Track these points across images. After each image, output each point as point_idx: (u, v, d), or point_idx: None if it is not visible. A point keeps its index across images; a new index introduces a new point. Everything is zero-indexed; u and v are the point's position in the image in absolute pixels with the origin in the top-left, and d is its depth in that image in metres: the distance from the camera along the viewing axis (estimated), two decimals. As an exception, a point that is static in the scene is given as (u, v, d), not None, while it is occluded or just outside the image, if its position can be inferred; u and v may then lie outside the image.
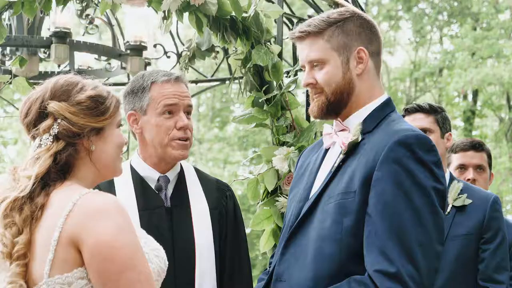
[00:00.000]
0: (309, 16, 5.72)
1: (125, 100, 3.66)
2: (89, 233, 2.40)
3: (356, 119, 2.90)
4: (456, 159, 4.90)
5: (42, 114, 2.60)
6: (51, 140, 2.57)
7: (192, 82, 6.79)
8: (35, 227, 2.48)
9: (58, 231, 2.42)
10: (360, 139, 2.84)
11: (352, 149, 2.83)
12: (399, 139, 2.71)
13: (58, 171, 2.56)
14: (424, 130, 4.46)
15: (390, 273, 2.59)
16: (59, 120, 2.58)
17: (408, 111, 4.56)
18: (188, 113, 3.61)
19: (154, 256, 2.64)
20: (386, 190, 2.66)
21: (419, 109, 4.53)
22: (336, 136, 2.92)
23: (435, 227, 2.67)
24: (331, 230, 2.75)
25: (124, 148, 2.78)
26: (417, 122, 4.49)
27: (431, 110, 4.52)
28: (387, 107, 2.95)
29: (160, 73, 3.62)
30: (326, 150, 3.02)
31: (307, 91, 5.84)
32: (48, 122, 2.58)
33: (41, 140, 2.58)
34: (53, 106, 2.58)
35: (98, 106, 2.62)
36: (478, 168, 4.99)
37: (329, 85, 2.88)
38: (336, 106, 2.91)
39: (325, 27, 2.89)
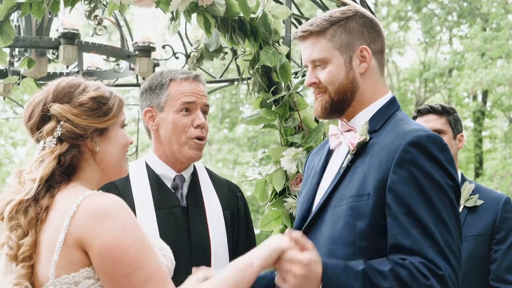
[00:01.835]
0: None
1: (142, 97, 3.69)
2: (95, 236, 2.40)
3: (362, 119, 2.89)
4: None
5: (45, 117, 2.60)
6: (55, 143, 2.57)
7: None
8: (40, 229, 2.49)
9: (64, 233, 2.42)
10: (368, 138, 2.81)
11: (360, 149, 2.81)
12: (412, 140, 2.68)
13: (62, 173, 2.56)
14: (437, 131, 4.45)
15: (437, 274, 2.61)
16: (62, 122, 2.58)
17: (421, 112, 4.55)
18: (205, 112, 3.61)
19: (162, 256, 2.64)
20: (406, 193, 2.64)
21: (432, 110, 4.52)
22: (343, 137, 2.91)
23: (457, 225, 2.69)
24: (344, 233, 2.73)
25: (133, 149, 2.78)
26: (430, 123, 4.48)
27: (444, 111, 4.51)
28: (392, 106, 2.93)
29: (179, 71, 3.64)
30: (330, 151, 3.01)
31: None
32: (51, 124, 2.58)
33: (45, 143, 2.59)
34: (55, 108, 2.58)
35: (100, 107, 2.62)
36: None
37: (332, 84, 2.87)
38: (339, 105, 2.89)
39: (328, 26, 2.88)
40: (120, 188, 3.55)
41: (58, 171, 2.55)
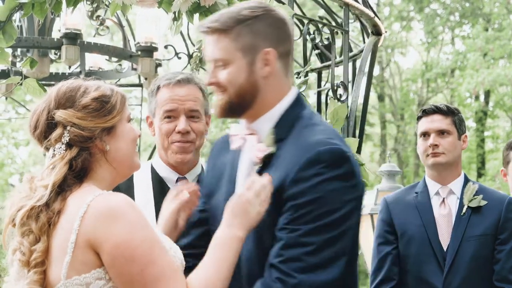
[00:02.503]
0: (320, 18, 5.71)
1: (147, 102, 3.73)
2: (105, 236, 2.41)
3: (266, 123, 2.76)
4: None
5: (50, 125, 2.59)
6: (64, 148, 2.57)
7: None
8: (52, 231, 2.49)
9: (75, 233, 2.43)
10: (274, 150, 2.71)
11: (266, 161, 2.71)
12: (310, 158, 2.59)
13: (74, 177, 2.56)
14: (442, 131, 4.46)
15: None
16: (68, 128, 2.57)
17: (426, 112, 4.55)
18: (192, 116, 3.61)
19: (172, 256, 2.64)
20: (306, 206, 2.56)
21: (437, 110, 4.52)
22: (244, 140, 2.80)
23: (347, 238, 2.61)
24: (248, 246, 2.68)
25: (137, 141, 2.78)
26: (435, 123, 4.48)
27: (449, 112, 4.51)
28: (297, 106, 2.79)
29: (166, 77, 3.64)
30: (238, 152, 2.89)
31: (318, 92, 5.84)
32: (58, 131, 2.57)
33: (54, 150, 2.58)
34: (60, 114, 2.57)
35: (104, 106, 2.61)
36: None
37: (231, 86, 2.73)
38: (238, 107, 2.77)
39: (233, 25, 2.71)
40: (122, 190, 3.55)
41: (70, 175, 2.54)
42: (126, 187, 3.53)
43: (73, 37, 5.97)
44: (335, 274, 2.54)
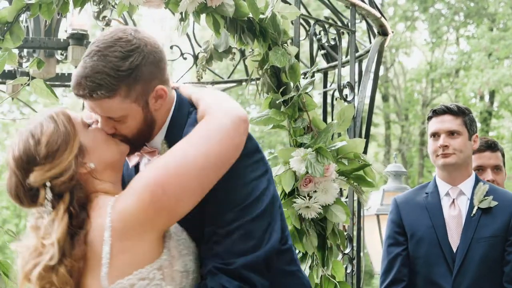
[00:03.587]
0: (326, 18, 5.70)
1: None
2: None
3: (158, 137, 2.76)
4: (473, 160, 4.88)
5: (31, 192, 2.53)
6: (56, 201, 2.51)
7: (209, 83, 6.78)
8: (84, 274, 2.50)
9: (108, 244, 2.44)
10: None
11: None
12: None
13: (79, 213, 2.52)
14: (452, 132, 4.45)
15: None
16: (47, 184, 2.50)
17: (436, 113, 4.54)
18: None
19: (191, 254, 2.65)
20: None
21: (448, 110, 4.51)
22: (145, 158, 2.79)
23: None
24: None
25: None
26: (445, 124, 4.47)
27: (460, 112, 4.51)
28: (181, 108, 2.77)
29: None
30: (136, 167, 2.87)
31: (324, 92, 5.84)
32: (41, 193, 2.51)
33: (46, 207, 2.52)
34: (33, 181, 2.50)
35: (60, 143, 2.53)
36: (496, 168, 4.98)
37: (132, 134, 2.69)
38: (140, 143, 2.74)
39: (118, 86, 2.56)
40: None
41: (75, 219, 2.50)
42: None
43: (79, 38, 5.98)
44: None
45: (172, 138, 2.70)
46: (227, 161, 2.55)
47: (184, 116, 2.75)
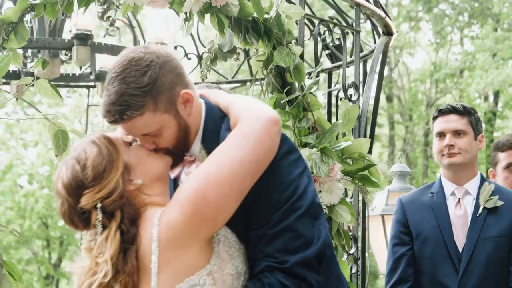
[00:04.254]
0: (330, 18, 5.70)
1: None
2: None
3: (196, 144, 2.82)
4: (504, 158, 4.86)
5: (84, 216, 2.60)
6: (107, 220, 2.58)
7: (213, 83, 6.78)
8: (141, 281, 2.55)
9: (156, 255, 2.49)
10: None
11: None
12: None
13: (130, 229, 2.58)
14: (458, 132, 4.44)
15: None
16: (98, 205, 2.57)
17: (442, 112, 4.54)
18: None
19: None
20: None
21: (453, 110, 4.51)
22: (187, 168, 2.84)
23: None
24: None
25: None
26: (451, 123, 4.47)
27: (465, 112, 4.50)
28: (213, 113, 2.84)
29: None
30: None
31: (328, 92, 5.83)
32: (93, 215, 2.58)
33: (98, 228, 2.59)
34: (85, 204, 2.58)
35: (106, 164, 2.60)
36: None
37: (172, 144, 2.75)
38: (181, 152, 2.81)
39: (144, 101, 2.64)
40: None
41: (126, 236, 2.56)
42: None
43: (84, 38, 5.98)
44: None
45: (208, 144, 2.77)
46: (262, 165, 2.60)
47: (216, 121, 2.82)
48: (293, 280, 2.56)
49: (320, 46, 5.19)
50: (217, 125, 2.80)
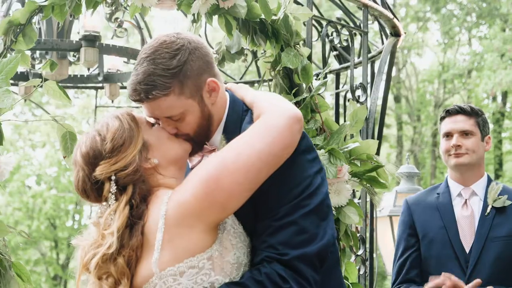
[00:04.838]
0: (338, 19, 5.70)
1: None
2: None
3: (217, 135, 2.85)
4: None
5: (97, 185, 2.64)
6: (119, 194, 2.62)
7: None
8: (140, 263, 2.58)
9: (161, 231, 2.52)
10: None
11: None
12: None
13: (139, 204, 2.61)
14: (465, 132, 4.44)
15: None
16: (112, 177, 2.61)
17: (449, 113, 4.53)
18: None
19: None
20: None
21: (461, 111, 4.50)
22: (202, 157, 2.87)
23: None
24: None
25: None
26: (458, 124, 4.46)
27: (473, 113, 4.49)
28: (235, 106, 2.87)
29: None
30: None
31: (336, 94, 5.83)
32: (106, 186, 2.62)
33: (109, 201, 2.63)
34: (99, 174, 2.62)
35: (125, 138, 2.65)
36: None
37: (193, 131, 2.79)
38: (202, 140, 2.83)
39: (171, 83, 2.68)
40: None
41: (135, 211, 2.59)
42: None
43: (92, 39, 6.00)
44: None
45: (230, 135, 2.78)
46: (279, 160, 2.62)
47: (239, 113, 2.85)
48: (291, 273, 2.58)
49: (327, 47, 5.19)
50: (239, 118, 2.84)
